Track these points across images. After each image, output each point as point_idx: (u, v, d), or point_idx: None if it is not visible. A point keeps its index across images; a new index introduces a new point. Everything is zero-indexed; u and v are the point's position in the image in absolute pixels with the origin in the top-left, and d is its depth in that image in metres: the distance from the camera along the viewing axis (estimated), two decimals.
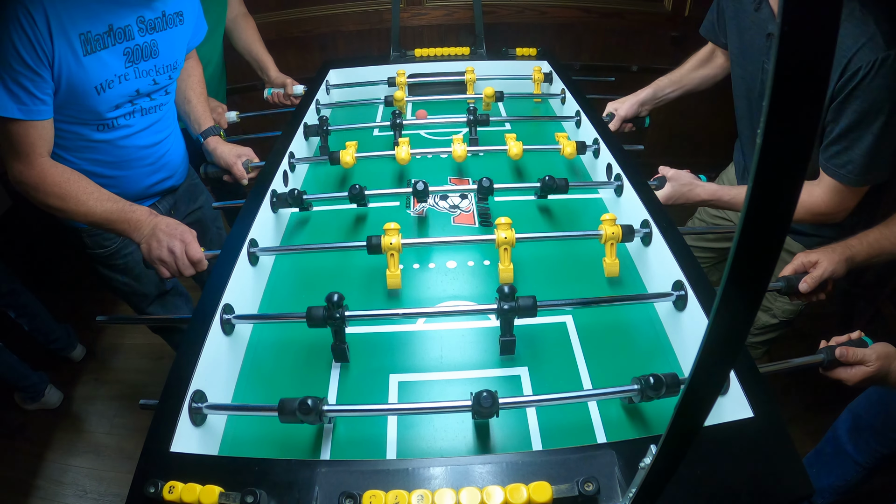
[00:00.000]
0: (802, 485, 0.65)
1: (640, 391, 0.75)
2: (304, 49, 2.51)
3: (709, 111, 2.49)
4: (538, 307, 0.87)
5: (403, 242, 1.03)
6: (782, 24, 0.26)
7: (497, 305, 0.87)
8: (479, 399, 0.72)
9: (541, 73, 1.75)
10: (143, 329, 2.40)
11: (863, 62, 0.98)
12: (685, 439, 0.45)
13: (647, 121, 1.63)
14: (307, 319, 0.87)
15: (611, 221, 1.05)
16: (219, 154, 1.40)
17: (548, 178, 1.18)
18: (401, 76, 1.74)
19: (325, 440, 0.81)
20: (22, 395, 2.07)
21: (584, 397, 0.81)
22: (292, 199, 1.18)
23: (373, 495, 0.61)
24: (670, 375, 0.76)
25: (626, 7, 2.47)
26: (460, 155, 1.32)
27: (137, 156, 1.26)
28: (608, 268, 1.05)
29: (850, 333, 0.89)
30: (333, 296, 0.86)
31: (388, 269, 1.03)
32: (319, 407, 0.73)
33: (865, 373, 0.84)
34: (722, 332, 0.38)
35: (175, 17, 1.23)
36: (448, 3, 2.43)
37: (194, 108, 1.44)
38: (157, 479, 0.64)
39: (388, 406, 0.85)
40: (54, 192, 1.08)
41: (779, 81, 0.28)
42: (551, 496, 0.60)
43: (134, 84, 1.17)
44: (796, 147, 0.30)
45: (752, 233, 0.33)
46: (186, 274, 1.11)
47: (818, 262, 1.03)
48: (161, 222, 1.13)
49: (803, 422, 1.78)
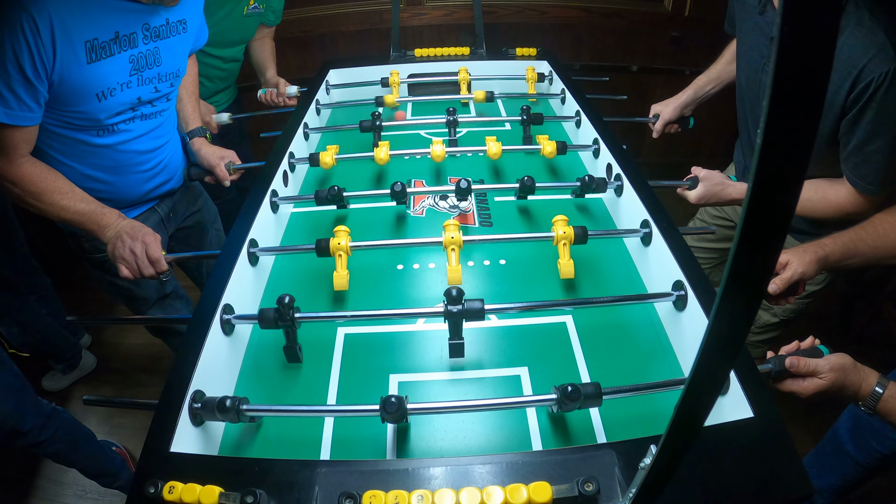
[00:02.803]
0: (802, 485, 0.65)
1: (558, 401, 0.73)
2: (304, 49, 2.52)
3: (708, 111, 2.47)
4: (536, 308, 0.87)
5: (352, 245, 1.04)
6: (782, 24, 0.26)
7: (444, 309, 0.86)
8: (385, 405, 0.72)
9: (534, 72, 1.74)
10: (143, 329, 2.40)
11: (875, 73, 0.96)
12: (685, 439, 0.45)
13: (691, 121, 1.64)
14: (259, 321, 0.88)
15: (563, 222, 1.04)
16: (202, 155, 1.41)
17: (526, 179, 1.18)
18: (394, 76, 1.74)
19: (325, 440, 0.81)
20: (62, 366, 2.09)
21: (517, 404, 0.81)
22: (331, 197, 1.19)
23: (373, 495, 0.61)
24: (592, 385, 0.74)
25: (626, 7, 2.47)
26: (439, 155, 1.32)
27: (136, 161, 1.27)
28: (563, 269, 1.03)
29: (801, 341, 0.84)
30: (284, 298, 0.86)
31: (336, 269, 1.03)
32: (238, 406, 0.75)
33: (818, 385, 0.79)
34: (722, 332, 0.38)
35: (178, 25, 1.23)
36: (448, 3, 2.43)
37: (185, 106, 1.45)
38: (157, 479, 0.64)
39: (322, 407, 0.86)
40: (31, 189, 1.09)
41: (779, 80, 0.28)
42: (551, 496, 0.60)
43: (136, 92, 1.17)
44: (796, 148, 0.30)
45: (752, 233, 0.33)
46: (146, 273, 1.14)
47: (788, 262, 0.99)
48: (126, 225, 1.15)
49: (803, 422, 1.78)
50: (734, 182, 1.24)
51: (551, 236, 1.04)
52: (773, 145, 0.30)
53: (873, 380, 0.81)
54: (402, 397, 0.72)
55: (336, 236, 1.04)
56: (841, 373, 0.79)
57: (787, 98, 0.29)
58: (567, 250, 1.03)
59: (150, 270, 1.13)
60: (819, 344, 0.84)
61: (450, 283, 0.96)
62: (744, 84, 1.31)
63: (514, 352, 0.94)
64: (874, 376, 0.81)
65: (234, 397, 0.76)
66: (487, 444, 0.80)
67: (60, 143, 1.14)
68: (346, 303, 1.06)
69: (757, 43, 1.21)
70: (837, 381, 0.79)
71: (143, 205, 1.34)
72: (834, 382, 0.79)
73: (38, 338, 1.94)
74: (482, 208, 1.30)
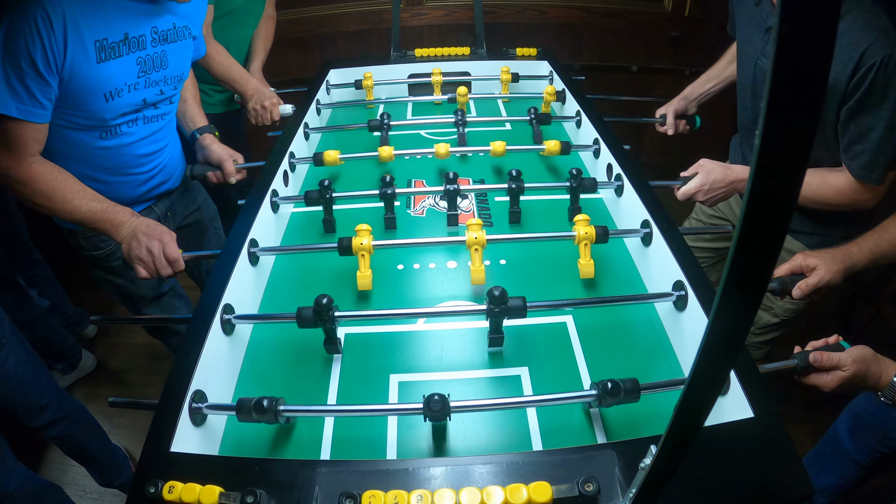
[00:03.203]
0: (802, 485, 0.65)
1: (598, 397, 0.75)
2: (304, 49, 2.51)
3: (708, 110, 2.48)
4: (535, 308, 0.87)
5: (375, 244, 1.04)
6: (782, 13, 0.26)
7: (487, 308, 0.86)
8: (430, 402, 0.72)
9: (508, 73, 1.72)
10: (142, 329, 2.40)
11: (876, 57, 0.94)
12: (685, 439, 0.45)
13: (697, 121, 1.64)
14: (297, 320, 0.88)
15: (584, 222, 1.04)
16: (213, 150, 1.42)
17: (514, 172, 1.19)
18: (368, 79, 1.72)
19: (325, 440, 0.81)
20: (62, 366, 2.09)
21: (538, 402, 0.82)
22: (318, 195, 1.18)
23: (372, 495, 0.61)
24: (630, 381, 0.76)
25: (626, 7, 2.47)
26: (443, 154, 1.32)
27: (135, 163, 1.27)
28: (583, 269, 1.03)
29: (827, 338, 0.87)
30: (322, 299, 0.86)
31: (359, 269, 1.03)
32: (275, 406, 0.75)
33: (841, 377, 0.81)
34: (722, 332, 0.38)
35: (184, 30, 1.25)
36: (448, 3, 2.43)
37: (189, 106, 1.46)
38: (158, 479, 0.64)
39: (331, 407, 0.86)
40: (41, 189, 1.09)
41: (778, 75, 0.28)
42: (551, 496, 0.60)
43: (142, 94, 1.18)
44: (796, 145, 0.30)
45: (751, 232, 0.33)
46: (164, 274, 1.13)
47: (816, 268, 0.99)
48: (142, 224, 1.14)
49: (803, 422, 1.77)
50: (732, 165, 1.22)
51: (573, 235, 1.04)
52: (772, 141, 0.30)
53: (893, 370, 0.82)
54: (444, 395, 0.73)
55: (358, 235, 1.03)
56: (863, 364, 0.81)
57: (787, 94, 0.28)
58: (588, 250, 1.03)
59: (169, 270, 1.12)
60: (842, 341, 0.86)
61: (473, 283, 0.96)
62: (742, 79, 1.31)
63: (514, 352, 0.94)
64: (894, 367, 0.83)
65: (270, 398, 0.75)
66: (487, 444, 0.80)
67: (62, 143, 1.14)
68: (346, 303, 1.06)
69: (752, 37, 1.21)
70: (860, 373, 0.81)
71: (140, 204, 1.34)
72: (856, 374, 0.81)
73: (36, 337, 1.94)
74: (482, 208, 1.30)
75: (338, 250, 1.04)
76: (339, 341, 0.93)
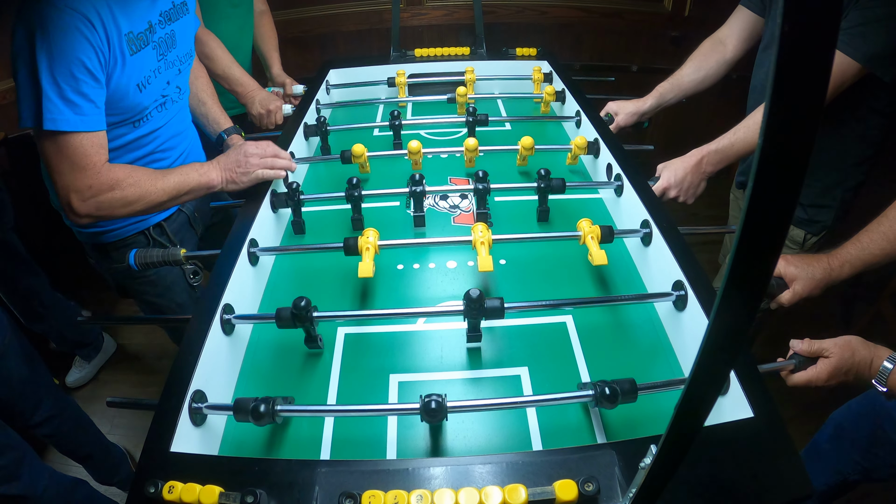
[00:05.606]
0: (802, 485, 0.65)
1: (596, 398, 0.75)
2: (304, 49, 2.52)
3: (710, 110, 2.49)
4: (535, 308, 0.87)
5: (380, 244, 1.04)
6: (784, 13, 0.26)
7: (464, 309, 0.86)
8: (426, 406, 0.72)
9: (540, 73, 1.74)
10: (142, 329, 2.40)
11: None
12: (685, 439, 0.45)
13: (645, 125, 1.62)
14: (276, 320, 0.88)
15: (588, 222, 1.05)
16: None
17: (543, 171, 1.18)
18: (400, 76, 1.74)
19: (324, 440, 0.81)
20: (86, 350, 2.11)
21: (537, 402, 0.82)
22: (287, 196, 1.19)
23: (372, 495, 0.61)
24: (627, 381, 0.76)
25: (626, 7, 2.47)
26: (472, 147, 1.32)
27: (164, 147, 1.27)
28: (596, 257, 1.00)
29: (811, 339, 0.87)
30: (301, 301, 0.86)
31: (362, 261, 1.01)
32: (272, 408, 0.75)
33: (829, 364, 0.81)
34: (722, 332, 0.38)
35: (182, 7, 1.25)
36: (448, 3, 2.43)
37: (210, 108, 1.46)
38: (157, 479, 0.64)
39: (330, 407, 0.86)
40: (130, 182, 1.07)
41: (779, 75, 0.28)
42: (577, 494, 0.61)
43: (165, 76, 1.19)
44: (797, 144, 0.30)
45: (752, 232, 0.33)
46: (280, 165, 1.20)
47: (796, 279, 0.98)
48: (224, 155, 1.20)
49: (803, 422, 1.77)
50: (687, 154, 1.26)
51: (578, 235, 1.05)
52: (773, 144, 0.30)
53: (884, 355, 0.81)
54: (441, 397, 0.73)
55: (364, 235, 1.04)
56: (847, 349, 0.81)
57: (788, 91, 0.29)
58: (596, 243, 1.04)
59: (283, 163, 1.20)
60: None
61: (480, 270, 0.97)
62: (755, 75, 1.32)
63: (514, 352, 0.94)
64: (885, 352, 0.82)
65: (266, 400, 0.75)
66: (487, 444, 0.80)
67: None
68: (346, 303, 1.06)
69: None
70: (845, 358, 0.80)
71: None
72: (842, 358, 0.80)
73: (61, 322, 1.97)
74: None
75: (343, 250, 1.04)
76: (319, 337, 0.93)
